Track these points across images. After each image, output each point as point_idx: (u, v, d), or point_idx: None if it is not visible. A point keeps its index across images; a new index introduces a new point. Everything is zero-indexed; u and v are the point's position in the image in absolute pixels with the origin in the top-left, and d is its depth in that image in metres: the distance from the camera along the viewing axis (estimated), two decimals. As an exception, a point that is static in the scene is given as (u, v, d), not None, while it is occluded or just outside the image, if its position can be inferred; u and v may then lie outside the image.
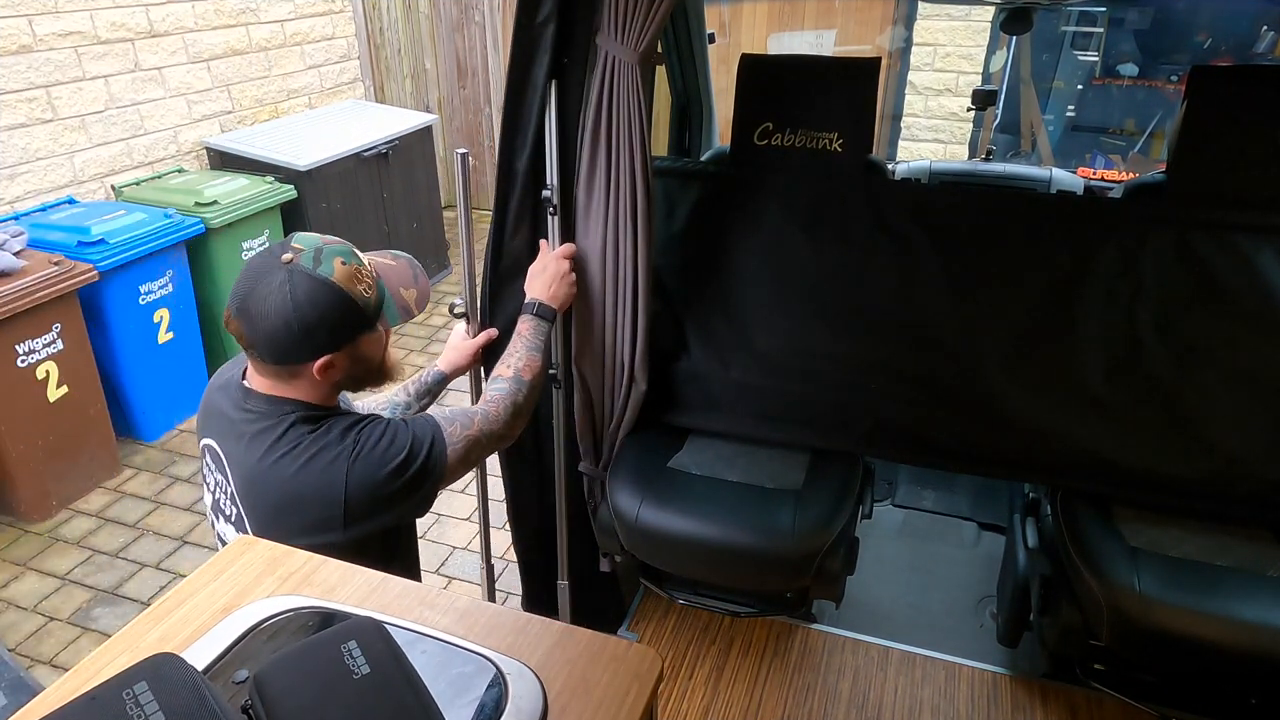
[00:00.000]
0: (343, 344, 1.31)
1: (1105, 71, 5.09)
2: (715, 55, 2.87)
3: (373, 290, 1.33)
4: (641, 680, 0.99)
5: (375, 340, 1.37)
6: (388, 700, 0.77)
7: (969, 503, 2.64)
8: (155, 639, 1.01)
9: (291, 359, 1.29)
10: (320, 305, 1.26)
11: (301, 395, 1.34)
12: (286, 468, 1.30)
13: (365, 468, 1.30)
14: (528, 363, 1.61)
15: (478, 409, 1.50)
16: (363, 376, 1.40)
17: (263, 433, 1.32)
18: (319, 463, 1.29)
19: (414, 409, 1.77)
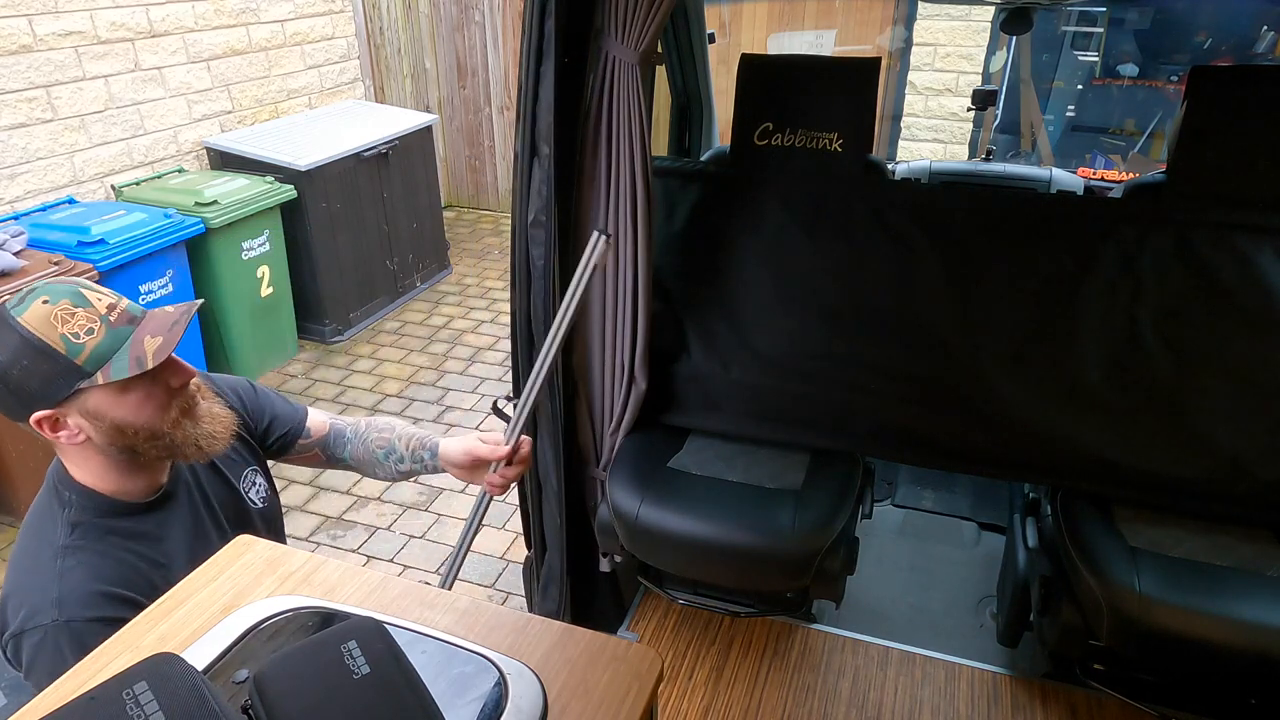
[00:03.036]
0: (56, 397, 1.11)
1: (1105, 71, 5.09)
2: (715, 55, 2.87)
3: (93, 334, 1.11)
4: (641, 680, 0.99)
5: (113, 395, 1.14)
6: (388, 700, 0.77)
7: (969, 503, 2.64)
8: (155, 639, 1.00)
9: (8, 414, 1.14)
10: (6, 350, 1.09)
11: (80, 476, 1.20)
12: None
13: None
14: None
15: None
16: (127, 443, 1.18)
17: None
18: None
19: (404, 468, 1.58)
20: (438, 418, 3.55)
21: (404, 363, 4.02)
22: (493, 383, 3.84)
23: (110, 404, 1.14)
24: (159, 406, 1.17)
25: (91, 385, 1.11)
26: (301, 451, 1.53)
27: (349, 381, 3.84)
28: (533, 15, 1.53)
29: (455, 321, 4.44)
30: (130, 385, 1.14)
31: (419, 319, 4.47)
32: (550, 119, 1.59)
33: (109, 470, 1.20)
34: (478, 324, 4.41)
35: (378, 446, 1.54)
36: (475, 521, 1.55)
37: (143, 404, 1.16)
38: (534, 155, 1.64)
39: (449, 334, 4.30)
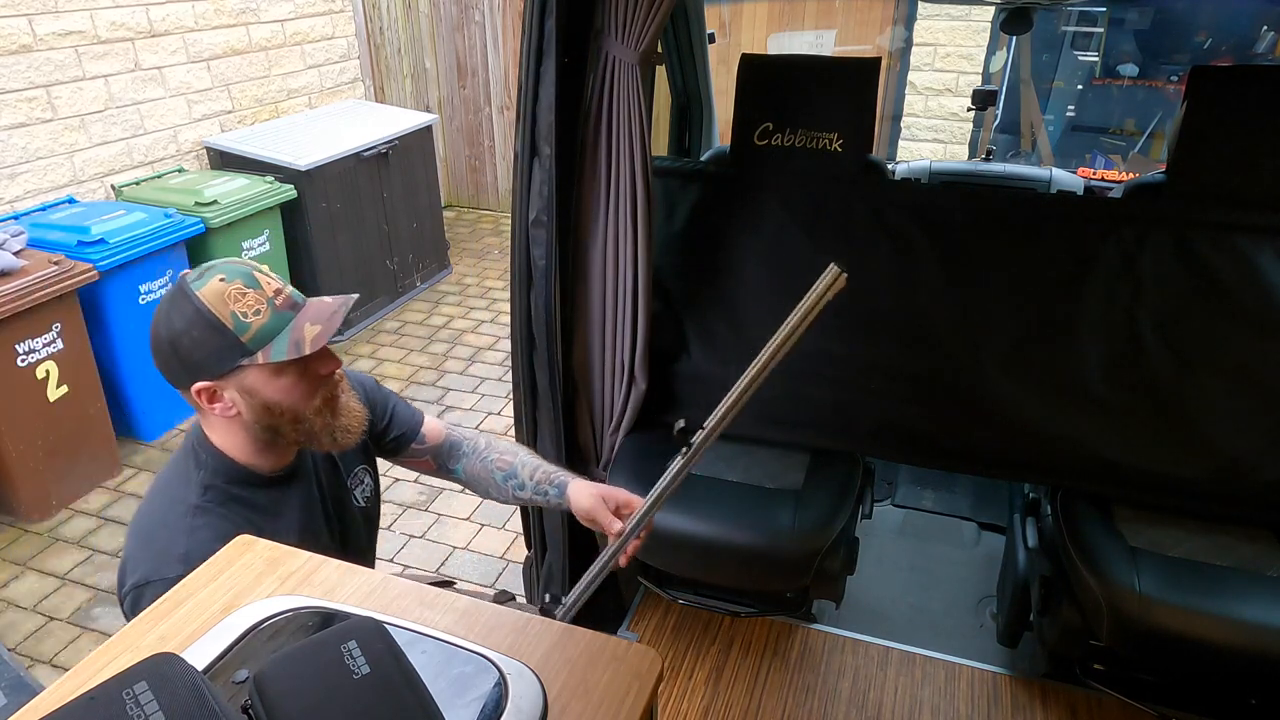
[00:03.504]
0: (219, 370, 1.19)
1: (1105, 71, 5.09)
2: (715, 55, 2.87)
3: (259, 315, 1.20)
4: (641, 680, 0.99)
5: (268, 376, 1.21)
6: (388, 700, 0.77)
7: (969, 503, 2.64)
8: (155, 639, 1.00)
9: (172, 378, 1.21)
10: (181, 318, 1.17)
11: (219, 442, 1.26)
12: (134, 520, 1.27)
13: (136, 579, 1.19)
14: None
15: None
16: (272, 422, 1.24)
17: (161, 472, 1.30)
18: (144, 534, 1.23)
19: (522, 495, 1.55)
20: (437, 417, 3.55)
21: (404, 362, 4.02)
22: (492, 382, 3.84)
23: (265, 383, 1.20)
24: (307, 392, 1.24)
25: (251, 363, 1.18)
26: (414, 456, 1.56)
27: (349, 381, 3.84)
28: (533, 15, 1.53)
29: (455, 321, 4.44)
30: (285, 368, 1.21)
31: (419, 319, 4.47)
32: (550, 119, 1.59)
33: (248, 444, 1.26)
34: (478, 324, 4.41)
35: (498, 468, 1.55)
36: (605, 564, 1.43)
37: (293, 387, 1.22)
38: (534, 155, 1.64)
39: (449, 334, 4.30)
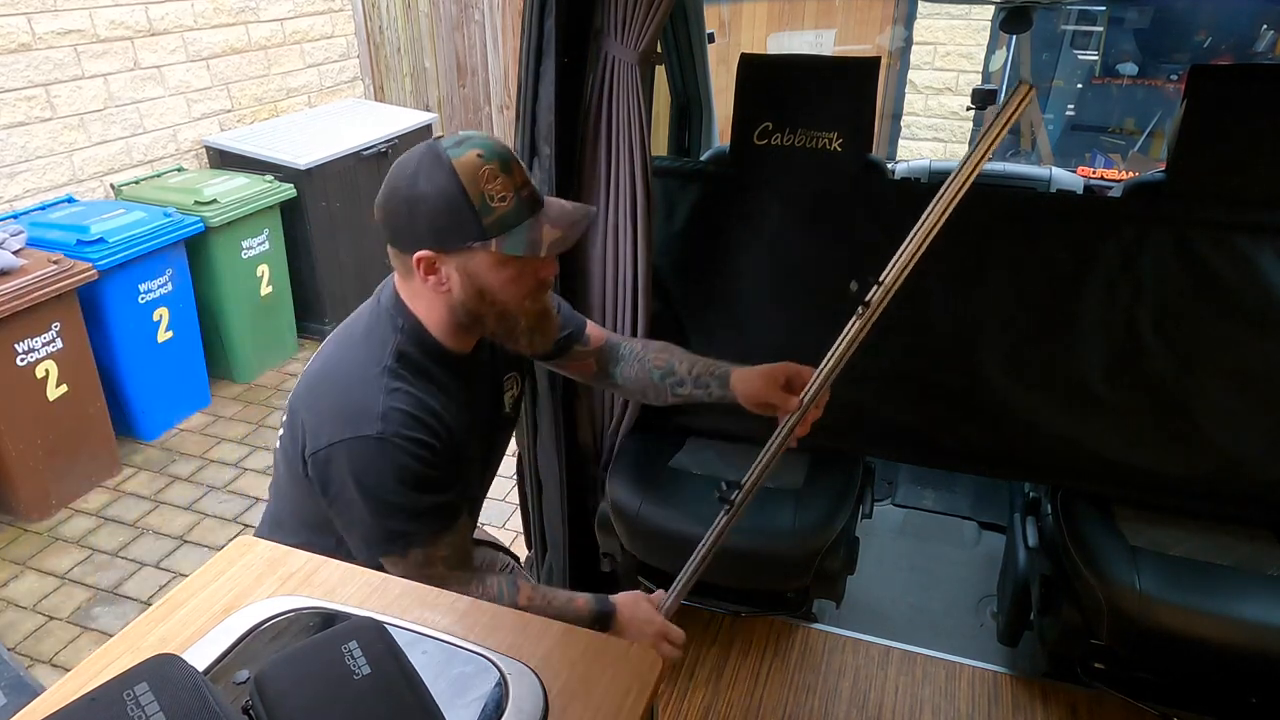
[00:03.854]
0: (447, 245, 1.16)
1: (1105, 71, 5.09)
2: (715, 55, 2.86)
3: (504, 202, 1.15)
4: (641, 680, 0.99)
5: (493, 264, 1.18)
6: (388, 701, 0.77)
7: (969, 502, 2.64)
8: (156, 640, 1.01)
9: (396, 238, 1.19)
10: (429, 183, 1.13)
11: (420, 312, 1.24)
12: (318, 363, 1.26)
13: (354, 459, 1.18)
14: (533, 601, 1.28)
15: (474, 577, 1.27)
16: (480, 309, 1.22)
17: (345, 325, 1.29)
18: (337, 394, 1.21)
19: (683, 391, 1.48)
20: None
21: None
22: (492, 382, 3.84)
23: (488, 270, 1.18)
24: (523, 291, 1.22)
25: (483, 248, 1.16)
26: (577, 359, 1.52)
27: (349, 381, 3.85)
28: (533, 15, 1.53)
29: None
30: (512, 262, 1.18)
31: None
32: (550, 119, 1.59)
33: (447, 321, 1.24)
34: (477, 323, 4.42)
35: (655, 366, 1.50)
36: (780, 442, 1.37)
37: (513, 282, 1.20)
38: (534, 155, 1.64)
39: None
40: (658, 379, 1.50)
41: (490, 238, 1.15)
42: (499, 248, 1.16)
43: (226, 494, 3.07)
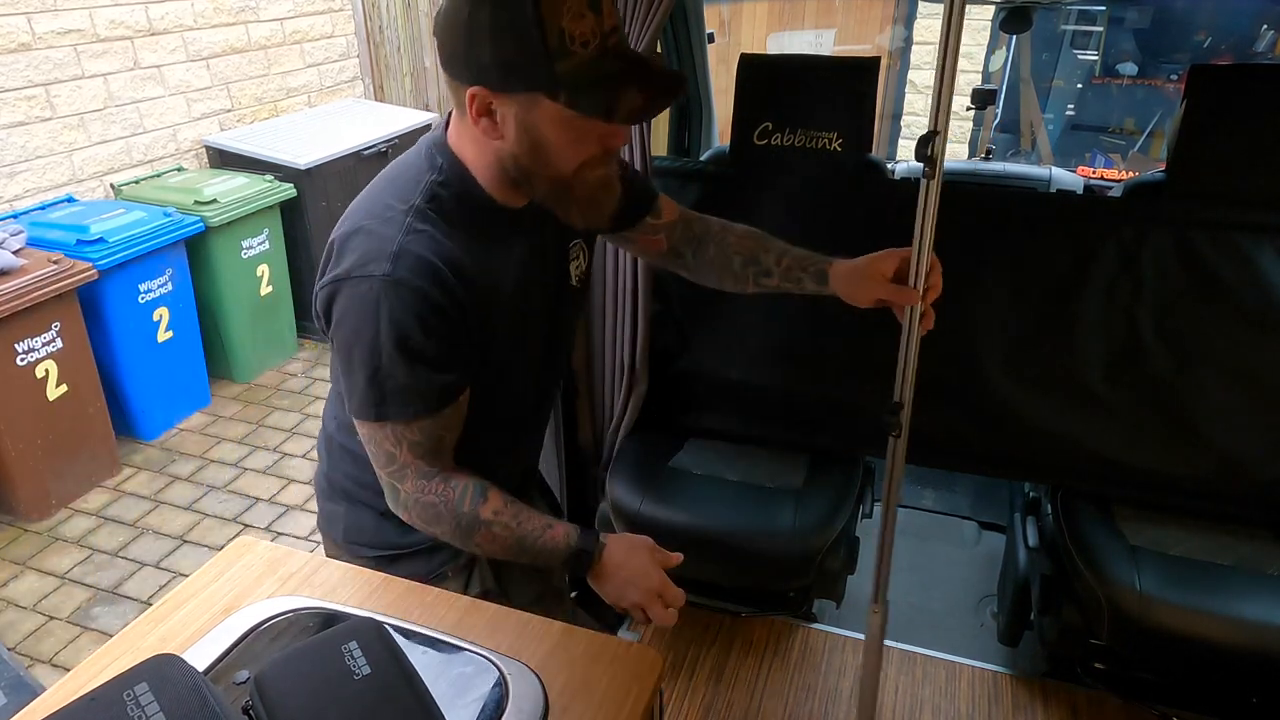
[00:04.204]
0: (510, 85, 0.97)
1: (1105, 70, 5.10)
2: (715, 55, 2.86)
3: (586, 47, 0.94)
4: (641, 680, 0.99)
5: (557, 120, 0.98)
6: (388, 701, 0.78)
7: (969, 502, 2.64)
8: (156, 640, 1.01)
9: (451, 63, 0.99)
10: (503, 5, 0.93)
11: (464, 153, 1.07)
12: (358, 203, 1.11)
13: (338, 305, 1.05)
14: (498, 516, 1.11)
15: (438, 474, 1.10)
16: (531, 167, 1.04)
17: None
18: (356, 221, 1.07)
19: (769, 282, 1.36)
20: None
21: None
22: (492, 382, 3.84)
23: (550, 125, 0.99)
24: (582, 158, 1.04)
25: (550, 98, 0.96)
26: (645, 233, 1.36)
27: (348, 380, 3.85)
28: (533, 14, 1.53)
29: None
30: (579, 122, 0.99)
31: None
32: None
33: (494, 169, 1.08)
34: (477, 323, 4.42)
35: (736, 252, 1.36)
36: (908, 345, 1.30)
37: (574, 145, 1.02)
38: None
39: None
40: (739, 266, 1.36)
41: (560, 89, 0.95)
42: (568, 102, 0.96)
43: (226, 494, 3.07)
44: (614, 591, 1.13)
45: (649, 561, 1.13)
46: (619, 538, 1.15)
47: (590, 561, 1.11)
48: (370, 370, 1.04)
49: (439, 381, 1.07)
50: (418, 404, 1.06)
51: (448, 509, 1.09)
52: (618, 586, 1.12)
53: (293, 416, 3.54)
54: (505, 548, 1.11)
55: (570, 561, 1.11)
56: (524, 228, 1.14)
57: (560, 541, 1.11)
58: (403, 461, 1.08)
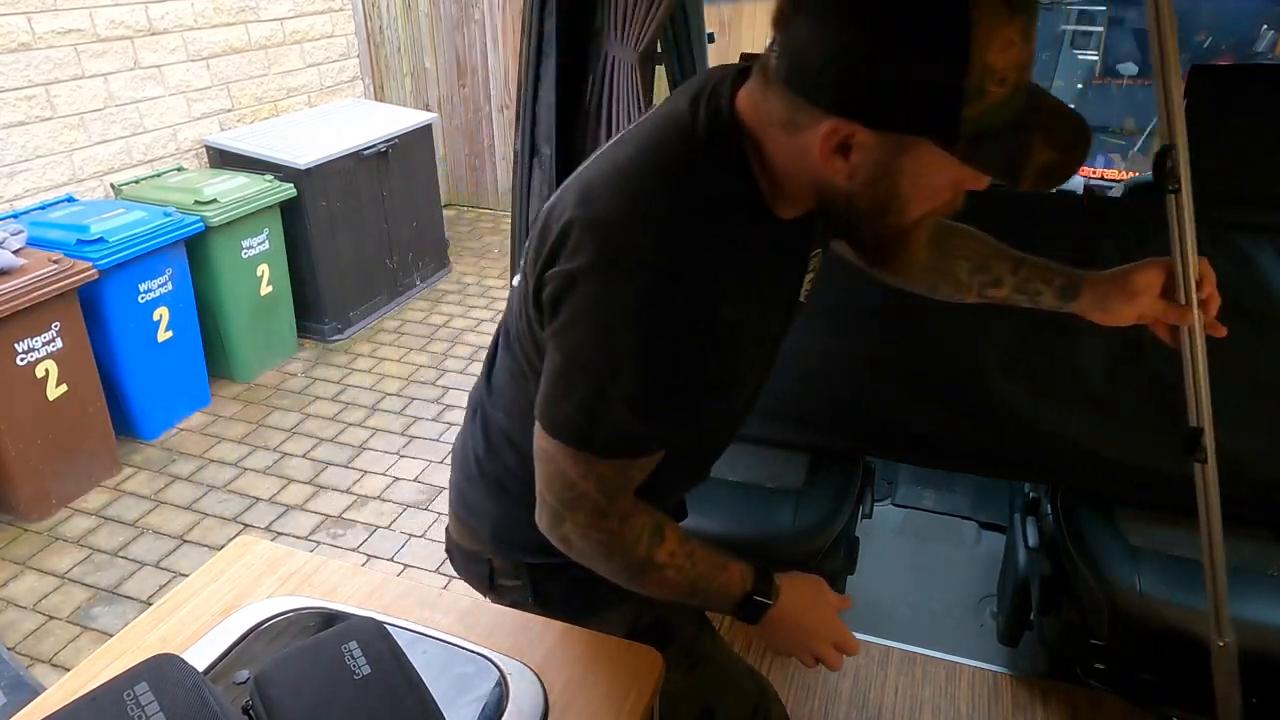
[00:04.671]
0: (892, 122, 0.76)
1: (1105, 70, 5.09)
2: (715, 55, 2.86)
3: (1003, 85, 0.73)
4: (642, 680, 0.99)
5: (931, 169, 0.80)
6: (388, 701, 0.78)
7: (969, 502, 2.64)
8: (156, 640, 1.01)
9: (804, 79, 0.78)
10: (916, 27, 0.72)
11: (772, 160, 0.88)
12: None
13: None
14: (674, 559, 0.98)
15: (614, 512, 0.96)
16: (869, 216, 0.85)
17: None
18: None
19: (998, 293, 1.23)
20: (438, 416, 3.55)
21: (404, 361, 4.02)
22: (492, 382, 3.84)
23: (916, 175, 0.80)
24: (929, 208, 0.85)
25: (940, 147, 0.76)
26: None
27: (349, 380, 3.84)
28: (533, 15, 1.53)
29: (455, 320, 4.44)
30: (951, 172, 0.80)
31: (419, 317, 4.47)
32: (551, 118, 1.60)
33: (792, 190, 0.89)
34: (478, 322, 4.41)
35: (963, 258, 1.23)
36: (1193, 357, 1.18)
37: (930, 197, 0.84)
38: (534, 155, 1.64)
39: (449, 333, 4.30)
40: (965, 274, 1.21)
41: (958, 138, 0.75)
42: (965, 155, 0.76)
43: (226, 494, 3.07)
44: (786, 640, 1.04)
45: (829, 610, 1.06)
46: (793, 581, 1.06)
47: (763, 610, 1.01)
48: (593, 392, 0.88)
49: (653, 431, 0.92)
50: (629, 446, 0.92)
51: (620, 550, 0.97)
52: (791, 635, 1.04)
53: (293, 416, 3.54)
54: (676, 591, 1.00)
55: (742, 607, 1.01)
56: (788, 240, 0.97)
57: (735, 585, 1.00)
58: (582, 492, 0.93)
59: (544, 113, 1.60)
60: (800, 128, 0.81)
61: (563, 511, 0.96)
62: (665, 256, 0.85)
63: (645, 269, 0.85)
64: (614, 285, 0.85)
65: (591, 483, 0.93)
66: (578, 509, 0.94)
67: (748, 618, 1.02)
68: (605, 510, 0.94)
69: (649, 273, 0.84)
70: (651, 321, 0.85)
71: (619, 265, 0.85)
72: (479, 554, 1.19)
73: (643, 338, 0.86)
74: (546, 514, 0.98)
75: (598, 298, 0.86)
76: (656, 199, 0.88)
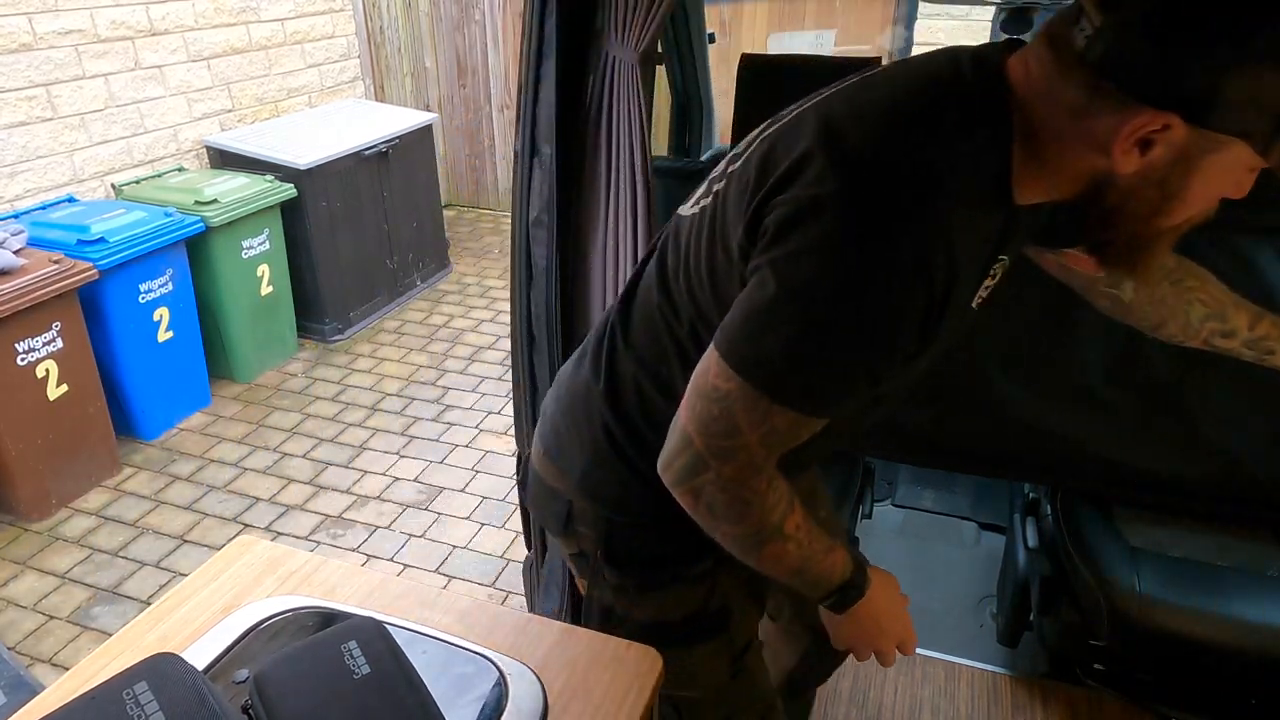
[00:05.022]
0: (1220, 121, 0.74)
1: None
2: (715, 55, 2.86)
3: None
4: (641, 680, 0.99)
5: (1224, 170, 0.79)
6: (388, 700, 0.77)
7: (969, 502, 2.64)
8: (155, 639, 1.01)
9: (1129, 71, 0.75)
10: (1266, 36, 0.70)
11: (1036, 132, 0.83)
12: None
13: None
14: (798, 531, 0.94)
15: (771, 473, 0.91)
16: (1133, 212, 0.83)
17: None
18: None
19: (1226, 344, 1.19)
20: (438, 416, 3.55)
21: (404, 361, 4.02)
22: (493, 381, 3.83)
23: (1206, 175, 0.79)
24: (1195, 210, 0.85)
25: (1255, 150, 0.76)
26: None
27: (349, 380, 3.84)
28: (533, 15, 1.53)
29: (455, 320, 4.44)
30: (1237, 174, 0.80)
31: (419, 318, 4.47)
32: (551, 119, 1.59)
33: (1056, 175, 0.86)
34: (478, 323, 4.41)
35: (1199, 301, 1.19)
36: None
37: (1205, 198, 0.84)
38: (534, 155, 1.64)
39: (449, 333, 4.30)
40: (1197, 319, 1.17)
41: (1275, 146, 0.75)
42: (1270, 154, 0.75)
43: (226, 494, 3.07)
44: (857, 633, 1.03)
45: (902, 608, 1.05)
46: (878, 575, 1.04)
47: (852, 599, 0.99)
48: (802, 332, 0.82)
49: (854, 388, 0.87)
50: (816, 401, 0.86)
51: (757, 513, 0.91)
52: (866, 629, 1.02)
53: (293, 417, 3.54)
54: (786, 568, 0.96)
55: (835, 594, 0.99)
56: (999, 232, 0.90)
57: (837, 571, 0.98)
58: (743, 443, 0.87)
59: (544, 113, 1.59)
60: (1095, 113, 0.78)
61: (709, 460, 0.88)
62: (920, 207, 0.80)
63: (897, 214, 0.80)
64: (858, 223, 0.80)
65: (759, 433, 0.86)
66: (729, 459, 0.87)
67: (837, 606, 1.00)
68: (759, 467, 0.89)
69: (900, 218, 0.80)
70: (889, 267, 0.79)
71: (868, 204, 0.80)
72: (560, 493, 1.14)
73: (874, 283, 0.80)
74: (685, 460, 0.90)
75: (836, 231, 0.80)
76: (923, 146, 0.82)
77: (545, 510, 1.19)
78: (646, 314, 1.05)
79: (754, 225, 0.87)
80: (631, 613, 1.12)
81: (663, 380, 0.99)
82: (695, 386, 0.88)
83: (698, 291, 0.96)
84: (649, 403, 1.01)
